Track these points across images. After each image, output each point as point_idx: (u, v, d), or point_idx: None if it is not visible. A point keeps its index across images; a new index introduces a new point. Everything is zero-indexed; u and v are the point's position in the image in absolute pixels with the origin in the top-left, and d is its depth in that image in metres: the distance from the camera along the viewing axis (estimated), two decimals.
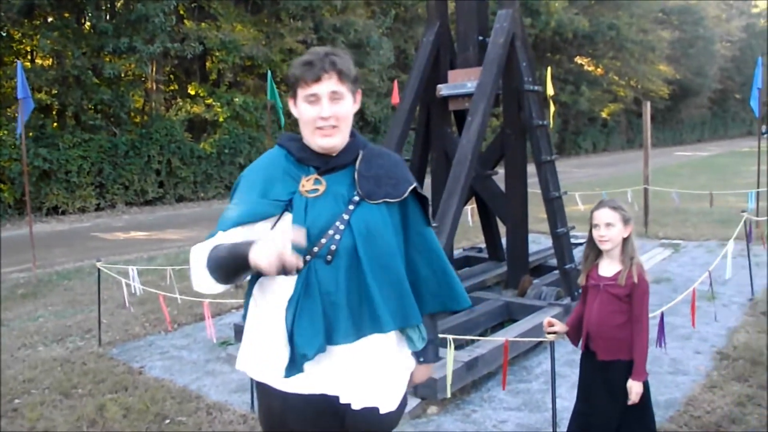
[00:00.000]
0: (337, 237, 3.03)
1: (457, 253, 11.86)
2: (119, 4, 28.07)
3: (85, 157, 26.08)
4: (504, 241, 10.73)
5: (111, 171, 26.84)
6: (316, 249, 3.02)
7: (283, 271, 2.64)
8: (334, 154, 3.21)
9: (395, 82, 13.31)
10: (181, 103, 31.23)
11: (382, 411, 3.18)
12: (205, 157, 29.37)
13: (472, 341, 7.21)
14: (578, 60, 55.08)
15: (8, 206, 24.26)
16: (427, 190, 10.28)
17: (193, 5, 31.09)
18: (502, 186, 10.03)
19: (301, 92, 3.15)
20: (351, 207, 3.12)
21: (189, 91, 32.04)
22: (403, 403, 3.35)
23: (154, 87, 31.12)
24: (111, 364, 8.38)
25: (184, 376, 7.93)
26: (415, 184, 3.31)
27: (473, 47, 9.86)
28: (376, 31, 34.11)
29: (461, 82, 9.56)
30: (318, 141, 3.14)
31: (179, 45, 27.78)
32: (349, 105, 3.19)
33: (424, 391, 6.59)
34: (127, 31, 26.04)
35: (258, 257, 2.64)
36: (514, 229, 9.87)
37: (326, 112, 3.09)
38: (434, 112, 10.24)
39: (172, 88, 33.04)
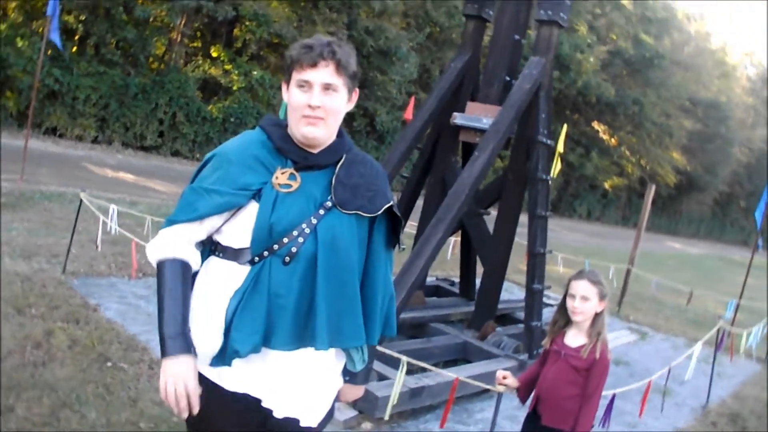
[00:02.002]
0: (301, 240, 2.97)
1: (430, 280, 11.81)
2: None
3: (95, 88, 25.91)
4: (478, 281, 10.70)
5: (116, 108, 26.68)
6: (276, 247, 2.96)
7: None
8: (315, 150, 3.13)
9: (413, 98, 13.32)
10: (200, 62, 31.10)
11: (302, 424, 3.13)
12: (210, 119, 29.16)
13: (422, 370, 7.25)
14: (595, 125, 54.87)
15: (10, 115, 24.22)
16: (417, 211, 10.42)
17: None
18: (490, 227, 9.96)
19: (296, 75, 3.07)
20: (321, 212, 3.04)
21: (211, 52, 31.89)
22: (327, 418, 3.30)
23: (179, 39, 30.98)
24: (69, 294, 8.40)
25: (136, 325, 7.95)
26: (392, 202, 3.24)
27: (498, 85, 9.87)
28: (406, 44, 33.99)
29: (477, 115, 9.55)
30: (302, 129, 3.04)
31: (213, 5, 27.72)
32: (341, 100, 3.11)
33: (363, 406, 6.59)
34: None
35: (163, 383, 2.87)
36: (491, 272, 9.82)
37: (316, 100, 3.01)
38: (444, 137, 10.22)
39: (195, 44, 32.89)
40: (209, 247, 3.18)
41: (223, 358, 2.94)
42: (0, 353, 6.35)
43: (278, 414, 3.06)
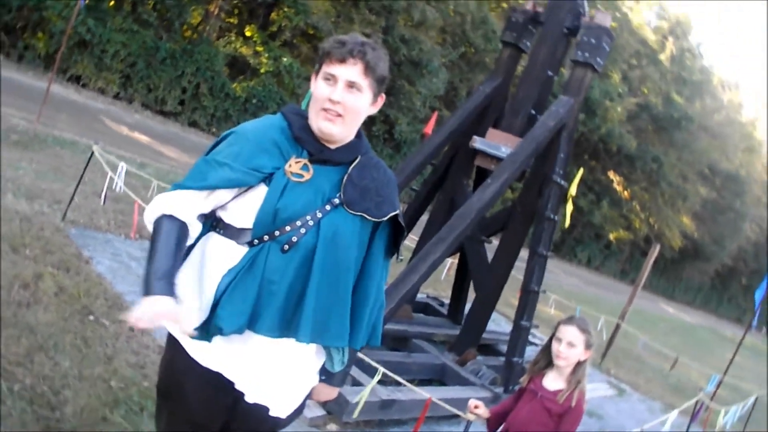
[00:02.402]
0: (303, 231, 2.96)
1: (421, 296, 11.78)
2: None
3: (125, 44, 26.08)
4: (468, 307, 10.67)
5: (142, 69, 26.83)
6: (277, 233, 2.95)
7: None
8: (332, 146, 3.12)
9: (435, 113, 13.34)
10: (232, 38, 31.16)
11: (271, 413, 3.15)
12: (233, 97, 29.24)
13: (397, 383, 7.24)
14: (611, 174, 54.75)
15: (38, 56, 24.32)
16: (420, 225, 10.42)
17: None
18: (490, 256, 9.92)
19: (324, 68, 3.06)
20: (327, 207, 3.03)
21: (246, 31, 31.93)
22: (296, 412, 3.31)
23: (216, 12, 31.05)
24: (64, 242, 8.41)
25: (125, 284, 7.96)
26: (398, 211, 3.22)
27: (523, 116, 9.86)
28: (438, 59, 34.02)
29: (497, 143, 9.53)
30: (319, 123, 3.04)
31: None
32: (364, 101, 3.10)
33: (332, 407, 6.59)
34: None
35: (142, 306, 2.75)
36: (482, 300, 9.78)
37: (337, 95, 3.00)
38: (459, 158, 10.21)
39: (231, 20, 32.93)
40: (210, 223, 3.16)
41: (205, 332, 2.93)
42: None
43: (249, 399, 3.07)
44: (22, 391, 4.98)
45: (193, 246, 3.17)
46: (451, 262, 15.48)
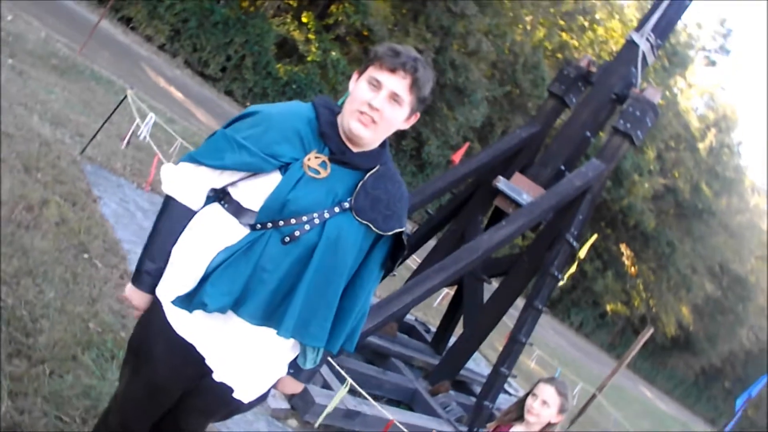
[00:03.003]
0: (307, 228, 2.95)
1: (409, 318, 11.73)
2: None
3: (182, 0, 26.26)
4: (452, 340, 10.64)
5: (194, 27, 26.91)
6: (281, 223, 2.94)
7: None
8: (355, 149, 3.08)
9: (467, 144, 13.32)
10: (288, 20, 31.23)
11: (235, 395, 3.17)
12: (274, 77, 29.24)
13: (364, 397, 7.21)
14: (622, 247, 54.59)
15: None
16: (426, 249, 10.40)
17: None
18: (486, 296, 9.92)
19: (371, 71, 3.02)
20: (336, 210, 3.00)
21: (302, 17, 32.02)
22: (259, 399, 3.32)
23: None
24: (77, 176, 8.40)
25: (126, 232, 7.94)
26: (403, 229, 3.20)
27: (551, 169, 9.81)
28: (482, 91, 33.98)
29: (520, 188, 9.49)
30: (351, 123, 3.00)
31: None
32: (401, 115, 3.07)
33: (297, 404, 6.58)
34: None
35: (129, 302, 3.22)
36: (468, 338, 9.76)
37: (378, 102, 2.97)
38: (480, 193, 10.16)
39: (291, 2, 33.02)
40: (217, 195, 3.15)
41: (187, 303, 2.97)
42: None
43: (216, 377, 3.10)
44: (2, 310, 4.97)
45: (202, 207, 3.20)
46: (447, 292, 15.45)
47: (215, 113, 22.62)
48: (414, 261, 11.39)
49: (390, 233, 3.14)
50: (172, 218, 3.11)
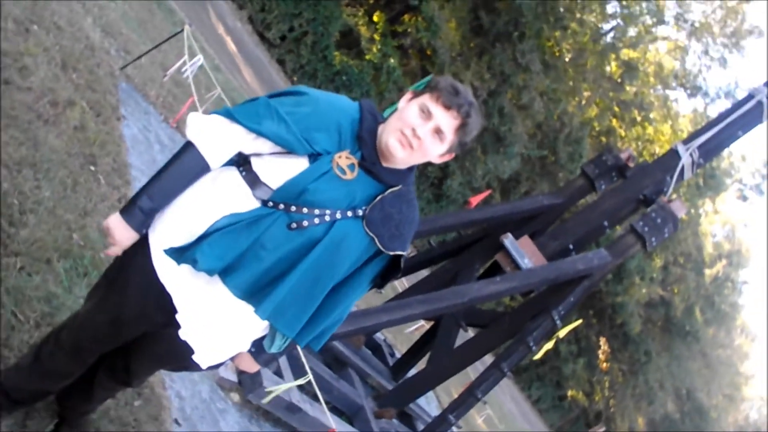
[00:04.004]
0: (316, 221, 2.98)
1: (379, 336, 11.69)
2: None
3: None
4: (413, 372, 10.61)
5: None
6: (293, 208, 2.97)
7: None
8: (385, 163, 3.12)
9: (489, 192, 13.37)
10: (359, 13, 31.29)
11: (194, 356, 3.21)
12: (328, 62, 29.04)
13: (315, 397, 7.13)
14: (602, 341, 54.36)
15: None
16: (418, 276, 10.36)
17: None
18: (458, 342, 9.88)
19: (425, 99, 3.07)
20: (349, 213, 3.04)
21: (374, 16, 32.05)
22: (213, 367, 3.38)
23: None
24: (110, 89, 8.36)
25: (139, 160, 7.88)
26: (404, 254, 3.24)
27: (559, 244, 9.74)
28: (520, 147, 33.86)
29: (524, 252, 9.45)
30: (390, 140, 3.05)
31: None
32: (439, 150, 3.14)
33: (245, 380, 6.53)
34: None
35: (111, 236, 3.08)
36: (428, 375, 9.69)
37: (422, 132, 3.04)
38: (485, 242, 10.07)
39: None
40: (239, 161, 3.15)
41: (179, 255, 2.99)
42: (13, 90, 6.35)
43: (182, 333, 3.11)
44: None
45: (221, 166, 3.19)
46: (422, 324, 15.39)
47: (261, 77, 22.59)
48: (402, 284, 11.33)
49: (390, 253, 3.18)
50: (185, 166, 3.08)
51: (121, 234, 3.06)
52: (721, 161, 46.84)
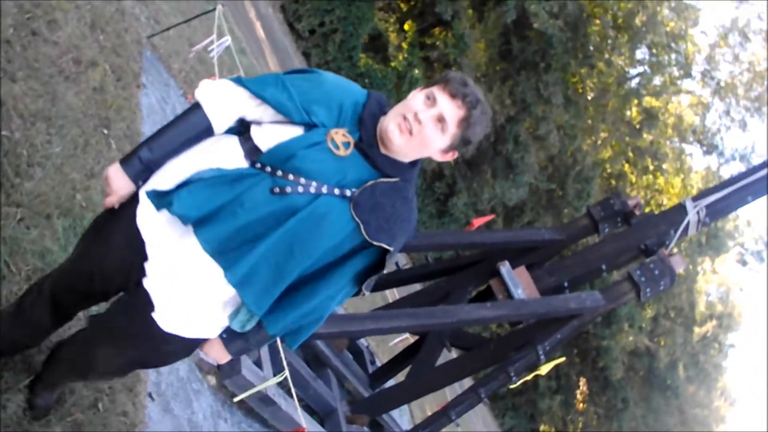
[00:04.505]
0: (300, 190, 2.93)
1: (362, 342, 11.66)
2: None
3: None
4: (390, 383, 10.60)
5: None
6: (279, 173, 2.95)
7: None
8: (383, 150, 3.08)
9: (492, 216, 13.33)
10: (391, 19, 31.34)
11: (154, 314, 3.09)
12: (353, 62, 28.98)
13: (289, 393, 7.11)
14: (581, 382, 54.09)
15: None
16: (411, 289, 10.34)
17: None
18: (440, 360, 9.81)
19: (432, 88, 3.06)
20: (336, 191, 2.98)
21: (405, 24, 32.13)
22: (187, 348, 3.30)
23: None
24: (134, 55, 8.33)
25: (152, 129, 7.72)
26: (391, 250, 3.12)
27: (553, 281, 9.61)
28: (529, 177, 33.72)
29: (518, 282, 9.40)
30: (389, 124, 3.03)
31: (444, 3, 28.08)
32: (439, 142, 3.09)
33: (225, 369, 6.49)
34: None
35: (109, 186, 3.07)
36: (405, 389, 9.67)
37: (424, 116, 3.01)
38: (481, 266, 9.98)
39: (402, 5, 33.13)
40: (240, 130, 3.18)
41: (158, 199, 2.97)
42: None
43: (146, 283, 3.08)
44: (1, 136, 4.95)
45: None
46: (407, 337, 15.34)
47: (285, 66, 22.51)
48: (393, 294, 11.32)
49: (375, 244, 3.08)
50: (189, 123, 3.11)
51: (118, 182, 3.05)
52: (726, 222, 46.89)
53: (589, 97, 35.01)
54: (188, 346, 3.31)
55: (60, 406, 4.26)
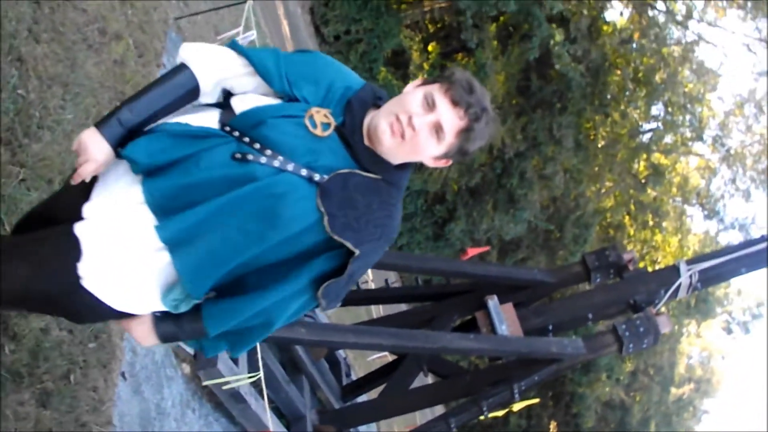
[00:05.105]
0: (263, 161, 2.62)
1: (340, 354, 11.68)
2: None
3: None
4: (362, 398, 10.56)
5: None
6: (246, 139, 2.67)
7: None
8: (369, 144, 2.77)
9: (487, 248, 13.35)
10: (415, 39, 31.39)
11: (80, 265, 2.67)
12: (373, 75, 28.54)
13: (262, 395, 7.07)
14: (552, 424, 53.70)
15: None
16: (399, 307, 10.32)
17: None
18: (416, 384, 9.79)
19: (432, 88, 2.76)
20: (303, 172, 2.65)
21: (430, 45, 32.20)
22: (104, 310, 2.79)
23: (430, 8, 31.34)
24: (158, 35, 8.45)
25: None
26: (356, 252, 2.74)
27: (539, 322, 9.58)
28: (529, 214, 33.68)
29: (504, 318, 9.39)
30: (380, 123, 2.72)
31: (469, 32, 28.12)
32: (433, 150, 2.78)
33: (200, 356, 6.46)
34: None
35: (79, 145, 2.66)
36: (376, 406, 9.71)
37: (419, 122, 2.70)
38: (469, 297, 9.90)
39: (429, 25, 33.19)
40: (222, 105, 2.89)
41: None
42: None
43: (78, 228, 2.68)
44: (17, 95, 4.96)
45: None
46: (386, 355, 15.30)
47: (304, 46, 22.70)
48: (378, 310, 11.31)
49: (337, 239, 2.69)
50: (174, 83, 2.79)
51: (95, 147, 2.65)
52: (717, 288, 46.94)
53: (600, 145, 35.03)
54: (107, 313, 2.86)
55: (33, 371, 4.25)
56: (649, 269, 10.15)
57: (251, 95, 2.84)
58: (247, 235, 2.64)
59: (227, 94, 2.95)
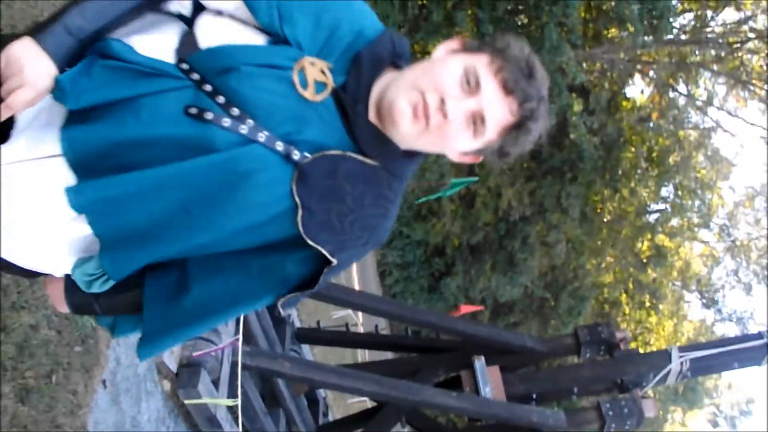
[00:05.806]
0: (227, 123, 1.87)
1: (320, 393, 11.55)
2: None
3: None
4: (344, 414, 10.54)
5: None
6: (208, 88, 1.90)
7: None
8: (374, 121, 2.01)
9: (481, 308, 13.32)
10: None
11: None
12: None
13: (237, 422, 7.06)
14: None
15: None
16: (385, 355, 10.28)
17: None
18: None
19: (477, 61, 2.00)
20: (278, 147, 1.91)
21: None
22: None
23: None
24: None
25: None
26: (333, 262, 2.06)
27: (524, 390, 9.36)
28: (527, 279, 33.13)
29: (489, 380, 9.29)
30: (399, 101, 1.95)
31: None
32: (466, 144, 2.06)
33: (183, 374, 6.35)
34: None
35: (15, 49, 1.82)
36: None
37: (453, 109, 1.94)
38: (456, 354, 9.91)
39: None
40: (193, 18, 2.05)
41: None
42: None
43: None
44: None
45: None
46: (366, 401, 15.23)
47: None
48: (364, 355, 11.28)
49: (311, 244, 2.01)
50: None
51: (34, 66, 1.82)
52: (707, 379, 46.66)
53: (606, 219, 34.94)
54: (13, 268, 2.18)
55: (17, 365, 4.28)
56: (641, 351, 10.14)
57: (226, 21, 2.03)
58: (193, 219, 1.99)
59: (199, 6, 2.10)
